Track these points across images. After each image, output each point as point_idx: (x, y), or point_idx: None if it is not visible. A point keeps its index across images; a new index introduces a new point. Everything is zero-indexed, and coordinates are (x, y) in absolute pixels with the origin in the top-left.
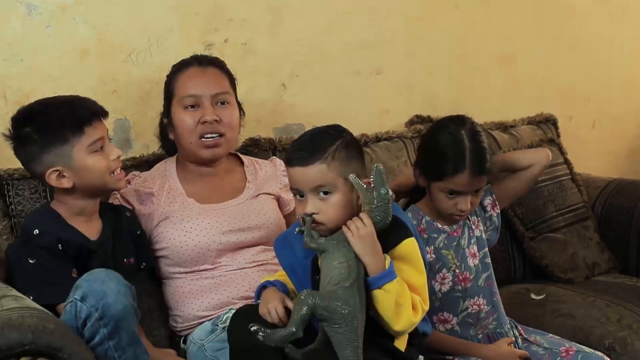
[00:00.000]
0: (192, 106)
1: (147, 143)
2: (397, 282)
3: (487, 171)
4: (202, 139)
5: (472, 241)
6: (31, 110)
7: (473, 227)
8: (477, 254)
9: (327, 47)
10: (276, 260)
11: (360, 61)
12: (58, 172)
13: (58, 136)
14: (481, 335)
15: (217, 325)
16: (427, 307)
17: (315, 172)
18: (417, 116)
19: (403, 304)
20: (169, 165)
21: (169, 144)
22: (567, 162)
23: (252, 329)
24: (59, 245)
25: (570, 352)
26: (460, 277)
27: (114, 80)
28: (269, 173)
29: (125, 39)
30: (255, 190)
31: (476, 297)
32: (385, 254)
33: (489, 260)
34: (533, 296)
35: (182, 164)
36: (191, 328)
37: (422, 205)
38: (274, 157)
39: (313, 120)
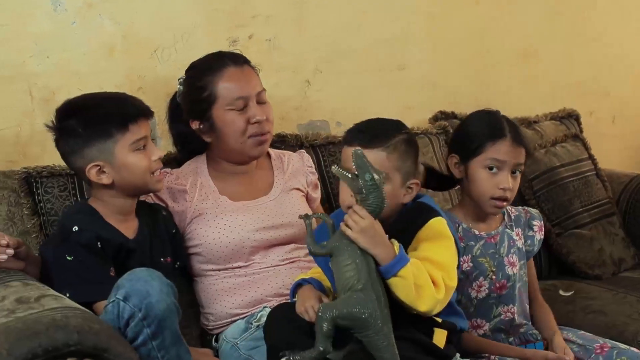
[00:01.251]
0: (241, 108)
1: None
2: (412, 265)
3: (525, 144)
4: (253, 138)
5: (513, 250)
6: (77, 103)
7: (515, 238)
8: (517, 263)
9: (350, 43)
10: (308, 258)
11: (383, 57)
12: (99, 168)
13: (103, 131)
14: (512, 338)
15: (251, 324)
16: (452, 284)
17: (374, 157)
18: (441, 112)
19: (423, 284)
20: (199, 162)
21: (191, 152)
22: (591, 157)
23: (282, 359)
24: (98, 243)
25: (605, 349)
26: (497, 284)
27: (140, 77)
28: (296, 166)
29: (151, 35)
30: (284, 185)
31: (511, 305)
32: (393, 240)
33: (525, 270)
34: (562, 292)
35: (214, 162)
36: (223, 326)
37: (457, 211)
38: (302, 150)
39: (337, 116)
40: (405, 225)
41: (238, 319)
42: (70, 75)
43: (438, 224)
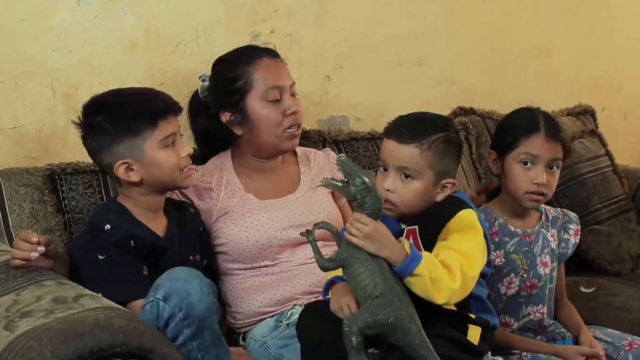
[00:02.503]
0: (276, 99)
1: None
2: (425, 260)
3: (562, 140)
4: (288, 131)
5: (546, 251)
6: (105, 99)
7: (550, 238)
8: (549, 264)
9: (370, 39)
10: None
11: (402, 53)
12: (127, 165)
13: (131, 127)
14: (540, 337)
15: (281, 322)
16: (472, 273)
17: (406, 153)
18: (460, 108)
19: (438, 277)
20: (224, 159)
21: (214, 148)
22: (608, 153)
23: None
24: (131, 241)
25: (634, 346)
26: (528, 283)
27: (162, 72)
28: (322, 164)
29: (173, 30)
30: (310, 183)
31: (540, 305)
32: (402, 238)
33: (555, 273)
34: (583, 289)
35: (240, 158)
36: (251, 325)
37: (495, 206)
38: (327, 148)
39: (356, 112)
40: (434, 216)
41: (267, 317)
42: (92, 70)
43: (467, 216)
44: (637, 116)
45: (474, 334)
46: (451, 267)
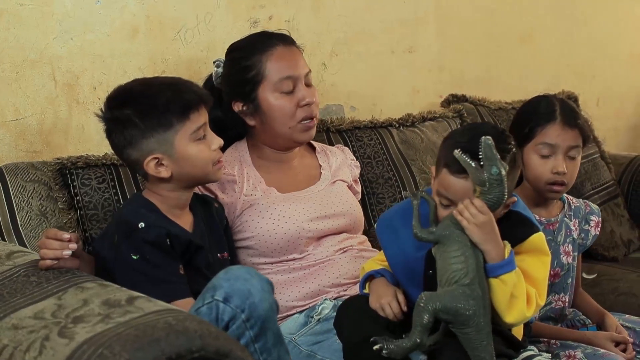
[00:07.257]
0: (290, 90)
1: None
2: (515, 273)
3: (580, 127)
4: (302, 123)
5: (569, 240)
6: (132, 91)
7: (572, 228)
8: (571, 253)
9: (364, 25)
10: (360, 246)
11: (394, 39)
12: (157, 160)
13: (162, 121)
14: (560, 325)
15: (312, 317)
16: (542, 302)
17: None
18: (453, 95)
19: (518, 296)
20: (241, 151)
21: (228, 138)
22: (595, 139)
23: (374, 347)
24: (167, 240)
25: None
26: (552, 272)
27: (163, 60)
28: (340, 160)
29: (174, 16)
30: (331, 177)
31: (562, 294)
32: (505, 241)
33: (576, 262)
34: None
35: (257, 150)
36: (278, 321)
37: (518, 195)
38: (340, 144)
39: (351, 100)
40: (504, 235)
41: (295, 313)
42: (94, 58)
43: (540, 241)
44: (609, 102)
45: (517, 329)
46: (530, 295)
